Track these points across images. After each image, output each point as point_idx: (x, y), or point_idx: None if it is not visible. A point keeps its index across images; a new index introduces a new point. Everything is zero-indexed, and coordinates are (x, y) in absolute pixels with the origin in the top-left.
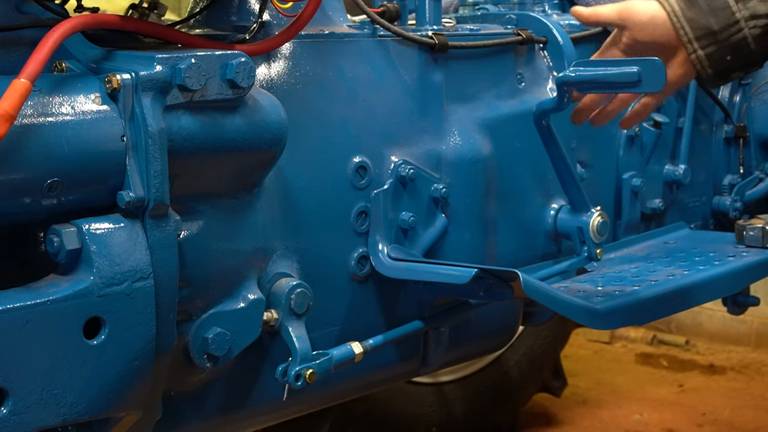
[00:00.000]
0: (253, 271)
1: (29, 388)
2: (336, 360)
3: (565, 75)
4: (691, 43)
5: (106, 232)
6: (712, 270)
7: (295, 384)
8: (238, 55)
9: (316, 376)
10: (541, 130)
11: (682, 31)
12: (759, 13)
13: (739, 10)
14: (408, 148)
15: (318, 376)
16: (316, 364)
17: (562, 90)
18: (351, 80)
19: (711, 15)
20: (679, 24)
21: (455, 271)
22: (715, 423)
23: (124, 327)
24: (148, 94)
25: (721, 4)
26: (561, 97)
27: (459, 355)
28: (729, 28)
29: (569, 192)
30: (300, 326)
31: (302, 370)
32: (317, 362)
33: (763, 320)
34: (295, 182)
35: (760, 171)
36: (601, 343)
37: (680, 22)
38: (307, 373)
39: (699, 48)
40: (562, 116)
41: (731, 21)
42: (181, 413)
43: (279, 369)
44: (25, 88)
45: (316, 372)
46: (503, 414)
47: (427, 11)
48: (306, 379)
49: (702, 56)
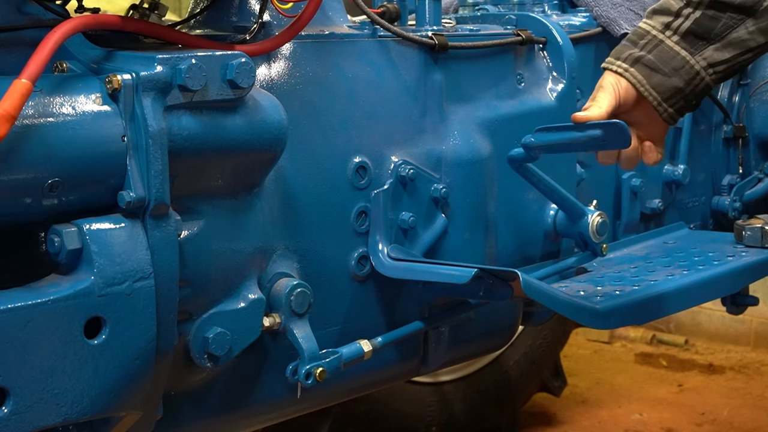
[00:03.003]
0: (253, 271)
1: (30, 388)
2: (346, 358)
3: (528, 141)
4: (661, 105)
5: (107, 232)
6: (712, 270)
7: (306, 382)
8: (238, 55)
9: (327, 375)
10: (521, 173)
11: (651, 96)
12: (716, 61)
13: (697, 62)
14: (408, 148)
15: (328, 374)
16: (326, 362)
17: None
18: (351, 80)
19: (674, 75)
20: (647, 92)
21: (455, 271)
22: (714, 422)
23: (125, 327)
24: (149, 94)
25: (679, 62)
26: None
27: (459, 355)
28: (692, 81)
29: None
30: (304, 326)
31: (312, 369)
32: (327, 360)
33: (762, 320)
34: (295, 182)
35: (759, 171)
36: (600, 342)
37: (648, 91)
38: (317, 372)
39: (669, 107)
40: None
41: (692, 74)
42: (181, 413)
43: (289, 368)
44: (26, 89)
45: (326, 370)
46: (503, 413)
47: (427, 12)
48: (316, 378)
49: (672, 112)
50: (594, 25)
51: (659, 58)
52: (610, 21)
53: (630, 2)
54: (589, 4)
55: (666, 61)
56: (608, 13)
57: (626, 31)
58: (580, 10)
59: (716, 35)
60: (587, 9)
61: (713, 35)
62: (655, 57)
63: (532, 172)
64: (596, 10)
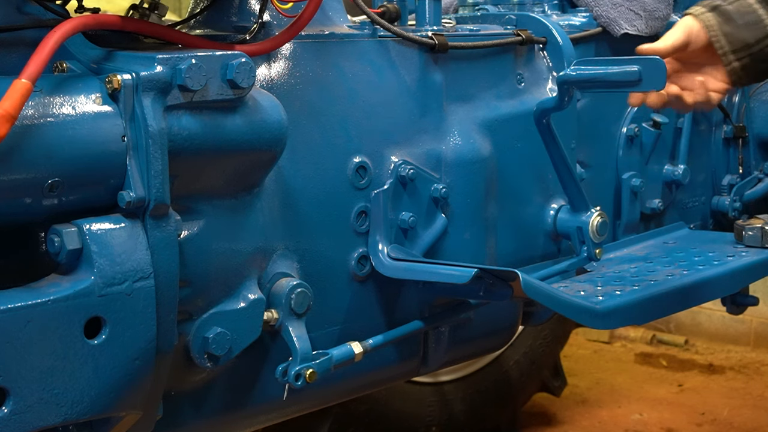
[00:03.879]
0: (253, 271)
1: (30, 388)
2: (336, 360)
3: (566, 74)
4: (727, 55)
5: (107, 232)
6: (712, 270)
7: (295, 384)
8: (238, 55)
9: (316, 376)
10: (542, 129)
11: (719, 44)
12: None
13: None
14: (408, 148)
15: (318, 375)
16: (317, 363)
17: (563, 89)
18: (351, 80)
19: (746, 29)
20: (716, 38)
21: (455, 271)
22: (714, 422)
23: (125, 327)
24: (149, 94)
25: (754, 18)
26: (562, 96)
27: (459, 355)
28: (763, 41)
29: (569, 192)
30: (300, 326)
31: (302, 370)
32: (317, 362)
33: (762, 320)
34: (295, 182)
35: (759, 171)
36: (600, 342)
37: (717, 36)
38: (307, 373)
39: (735, 60)
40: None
41: (765, 33)
42: (181, 412)
43: (279, 369)
44: (26, 89)
45: (316, 372)
46: (503, 413)
47: (427, 12)
48: (306, 379)
49: (737, 67)
50: (594, 25)
51: (737, 10)
52: (610, 21)
53: (630, 2)
54: (589, 4)
55: (742, 15)
56: (608, 13)
57: (626, 31)
58: (580, 10)
59: None
60: (587, 9)
61: None
62: (733, 8)
63: (553, 133)
64: (596, 10)
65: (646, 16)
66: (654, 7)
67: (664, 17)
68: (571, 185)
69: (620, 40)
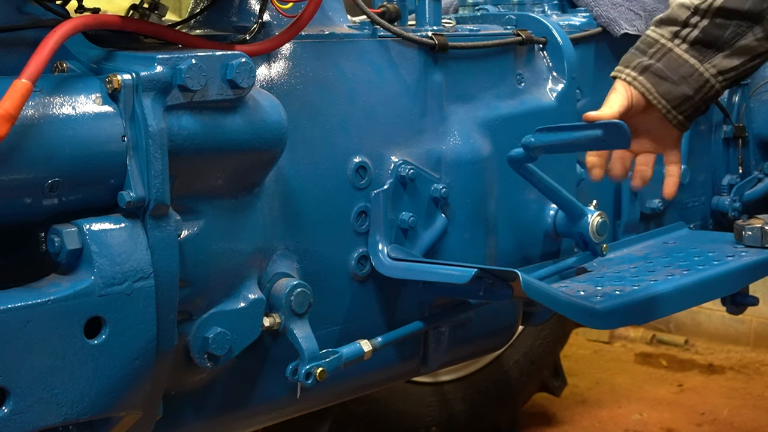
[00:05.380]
0: (253, 271)
1: (30, 388)
2: (346, 358)
3: (527, 140)
4: (670, 112)
5: (107, 232)
6: (711, 270)
7: (306, 382)
8: (238, 55)
9: (327, 374)
10: (520, 173)
11: (660, 104)
12: (725, 69)
13: (707, 70)
14: (408, 148)
15: (328, 374)
16: (326, 362)
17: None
18: (351, 80)
19: (683, 83)
20: (656, 100)
21: (455, 271)
22: (714, 422)
23: (125, 327)
24: (149, 94)
25: (688, 70)
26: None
27: (459, 355)
28: (701, 89)
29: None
30: (304, 326)
31: (312, 369)
32: (327, 360)
33: (762, 320)
34: (295, 182)
35: (758, 171)
36: (600, 342)
37: (656, 99)
38: (317, 372)
39: (678, 114)
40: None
41: (701, 82)
42: (181, 413)
43: (289, 368)
44: (26, 89)
45: (326, 370)
46: (503, 413)
47: (427, 12)
48: (316, 378)
49: (682, 119)
50: (594, 25)
51: (668, 66)
52: (610, 21)
53: (630, 2)
54: (589, 4)
55: (675, 69)
56: (608, 13)
57: (626, 31)
58: (580, 10)
59: (724, 43)
60: (587, 9)
61: (721, 43)
62: (663, 65)
63: (531, 172)
64: (596, 10)
65: (646, 16)
66: (654, 7)
67: None
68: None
69: (620, 40)
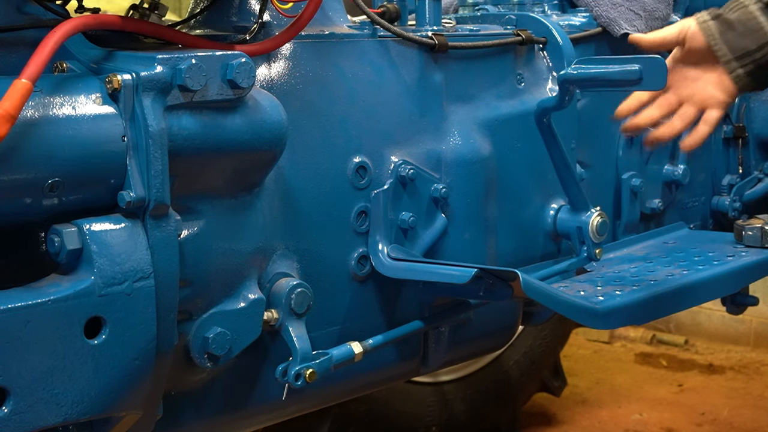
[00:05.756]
0: (253, 271)
1: (30, 388)
2: (336, 360)
3: (567, 73)
4: (730, 63)
5: (107, 232)
6: (711, 270)
7: (295, 383)
8: (238, 55)
9: (316, 376)
10: (542, 128)
11: (721, 51)
12: None
13: None
14: (408, 148)
15: (318, 375)
16: (316, 363)
17: (564, 88)
18: (351, 80)
19: (747, 36)
20: (717, 46)
21: (455, 271)
22: (714, 422)
23: (125, 327)
24: (149, 94)
25: (754, 25)
26: (562, 95)
27: (459, 355)
28: (764, 47)
29: (569, 191)
30: (300, 326)
31: (302, 370)
32: (317, 362)
33: (762, 320)
34: (295, 182)
35: (758, 171)
36: (600, 342)
37: (718, 45)
38: (307, 373)
39: (738, 67)
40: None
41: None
42: (181, 412)
43: (279, 368)
44: (26, 89)
45: (316, 372)
46: (503, 413)
47: (427, 12)
48: (306, 379)
49: (742, 74)
50: (594, 25)
51: (738, 19)
52: (610, 21)
53: (630, 2)
54: (589, 4)
55: (743, 23)
56: (608, 13)
57: (626, 31)
58: (580, 10)
59: None
60: (587, 9)
61: None
62: (735, 17)
63: (553, 133)
64: (596, 10)
65: (646, 16)
66: (654, 7)
67: (664, 17)
68: (571, 185)
69: (620, 40)
